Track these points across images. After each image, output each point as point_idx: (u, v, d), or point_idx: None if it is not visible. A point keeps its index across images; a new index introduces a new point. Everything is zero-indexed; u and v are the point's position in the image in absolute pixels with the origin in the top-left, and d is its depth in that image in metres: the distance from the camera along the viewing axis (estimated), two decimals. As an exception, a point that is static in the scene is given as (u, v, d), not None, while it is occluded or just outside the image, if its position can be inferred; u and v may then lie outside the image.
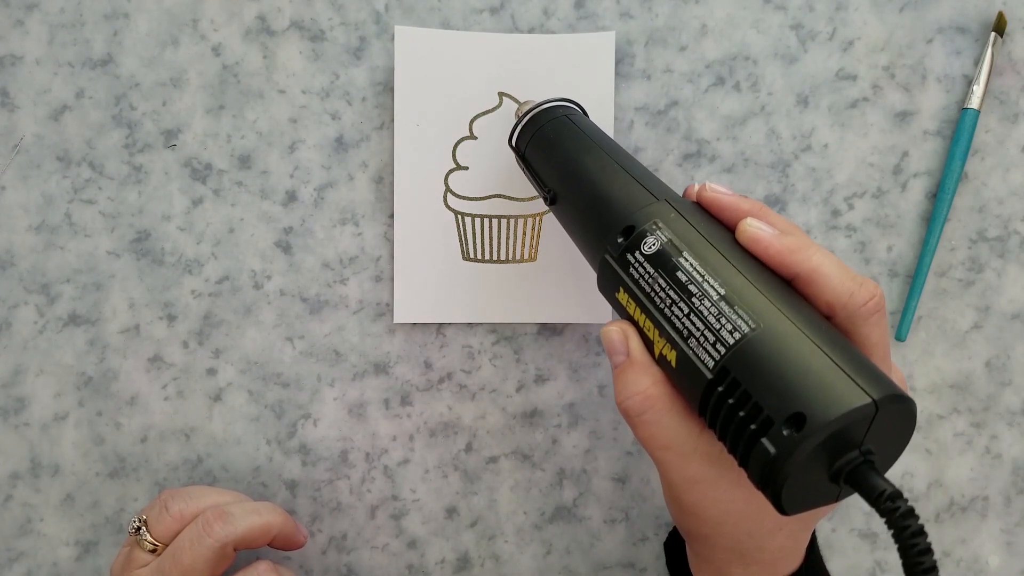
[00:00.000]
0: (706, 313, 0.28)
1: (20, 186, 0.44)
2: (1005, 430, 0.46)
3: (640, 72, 0.45)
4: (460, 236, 0.44)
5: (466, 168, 0.44)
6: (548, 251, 0.44)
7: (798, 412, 0.25)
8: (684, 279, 0.29)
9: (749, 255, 0.30)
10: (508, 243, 0.44)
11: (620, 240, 0.32)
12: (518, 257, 0.45)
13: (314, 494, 0.45)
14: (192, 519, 0.38)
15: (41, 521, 0.44)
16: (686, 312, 0.29)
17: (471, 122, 0.44)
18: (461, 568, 0.45)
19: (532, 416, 0.45)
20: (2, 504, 0.44)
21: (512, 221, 0.44)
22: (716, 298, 0.28)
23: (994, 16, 0.45)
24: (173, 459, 0.44)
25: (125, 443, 0.44)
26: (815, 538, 0.37)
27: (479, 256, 0.44)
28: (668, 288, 0.30)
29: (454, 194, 0.44)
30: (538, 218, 0.44)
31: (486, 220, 0.44)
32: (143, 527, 0.38)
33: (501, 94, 0.44)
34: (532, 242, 0.45)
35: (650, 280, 0.30)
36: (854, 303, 0.29)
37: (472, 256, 0.44)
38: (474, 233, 0.44)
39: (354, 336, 0.45)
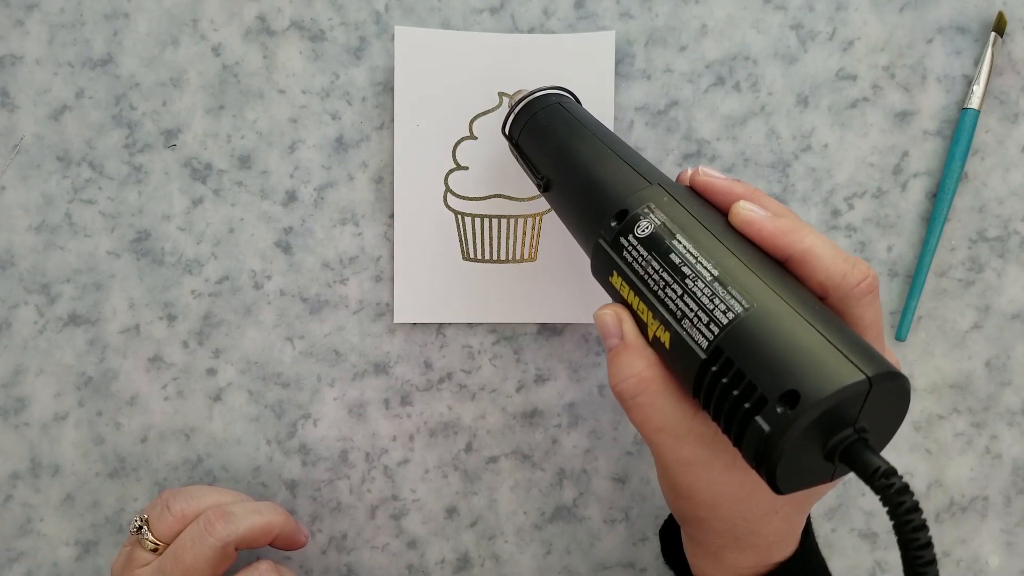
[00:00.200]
0: (699, 294, 0.28)
1: (20, 186, 0.44)
2: (1005, 430, 0.46)
3: (640, 72, 0.45)
4: (460, 236, 0.44)
5: (466, 168, 0.44)
6: (548, 251, 0.44)
7: (792, 390, 0.25)
8: (677, 261, 0.30)
9: (742, 237, 0.30)
10: (508, 243, 0.44)
11: (614, 224, 0.32)
12: (518, 257, 0.45)
13: (314, 494, 0.45)
14: (193, 519, 0.38)
15: (41, 521, 0.44)
16: (680, 294, 0.29)
17: (471, 122, 0.44)
18: (461, 568, 0.46)
19: (532, 416, 0.45)
20: (2, 504, 0.44)
21: (512, 221, 0.44)
22: (709, 279, 0.28)
23: (994, 16, 0.45)
24: (173, 459, 0.44)
25: (125, 443, 0.44)
26: (811, 525, 0.37)
27: (479, 256, 0.44)
28: (662, 270, 0.30)
29: (454, 194, 0.44)
30: (538, 218, 0.44)
31: (486, 220, 0.44)
32: (144, 526, 0.38)
33: (501, 94, 0.44)
34: (532, 242, 0.45)
35: (644, 263, 0.31)
36: (847, 283, 0.29)
37: (472, 256, 0.44)
38: (474, 233, 0.44)
39: (354, 336, 0.45)
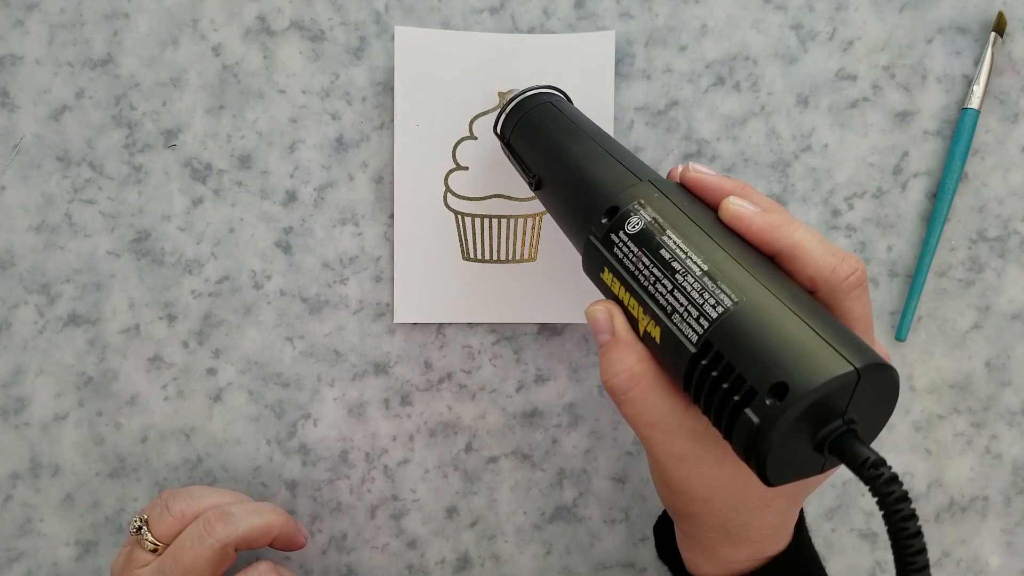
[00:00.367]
0: (689, 289, 0.29)
1: (20, 186, 0.44)
2: (1005, 430, 0.46)
3: (640, 72, 0.45)
4: (460, 236, 0.44)
5: (466, 168, 0.44)
6: (548, 251, 0.44)
7: (780, 382, 0.25)
8: (667, 256, 0.30)
9: (732, 233, 0.30)
10: (508, 243, 0.44)
11: (604, 221, 0.32)
12: (518, 257, 0.45)
13: (314, 494, 0.45)
14: (193, 519, 0.38)
15: (41, 521, 0.44)
16: (670, 288, 0.29)
17: (471, 122, 0.44)
18: (461, 568, 0.46)
19: (532, 416, 0.45)
20: (2, 504, 0.44)
21: (512, 221, 0.44)
22: (699, 274, 0.29)
23: (994, 16, 0.45)
24: (173, 459, 0.44)
25: (125, 443, 0.44)
26: (803, 518, 0.37)
27: (479, 256, 0.44)
28: (652, 266, 0.30)
29: (454, 194, 0.44)
30: (538, 218, 0.44)
31: (486, 220, 0.44)
32: (144, 527, 0.38)
33: (501, 94, 0.44)
34: (532, 242, 0.45)
35: (634, 259, 0.31)
36: (836, 277, 0.29)
37: (472, 256, 0.44)
38: (474, 233, 0.44)
39: (354, 336, 0.45)
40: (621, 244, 0.31)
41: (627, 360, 0.31)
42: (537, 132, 0.38)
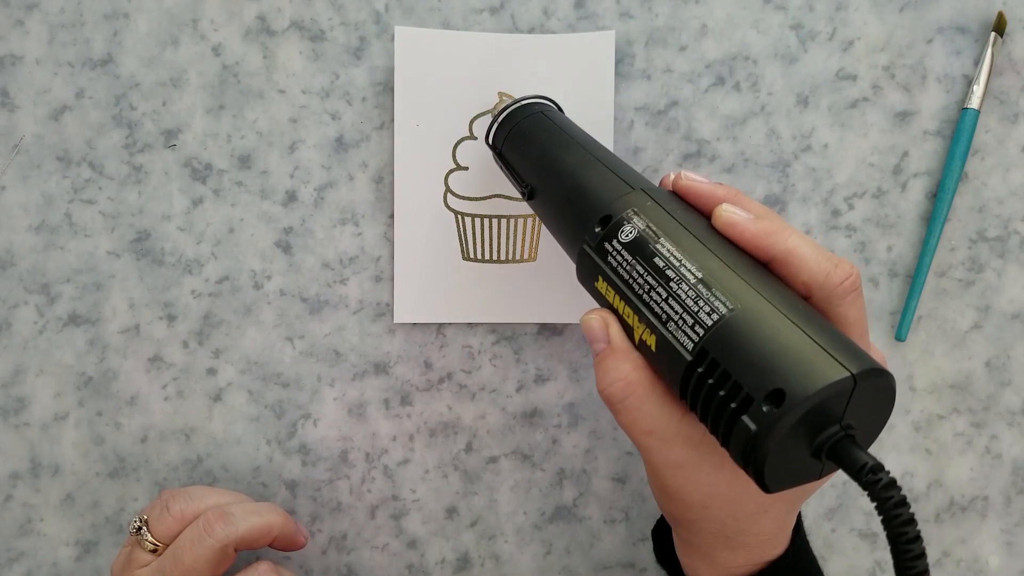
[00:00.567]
0: (684, 296, 0.29)
1: (20, 186, 0.44)
2: (1005, 430, 0.46)
3: (640, 72, 0.45)
4: (460, 236, 0.44)
5: (466, 168, 0.44)
6: (548, 251, 0.44)
7: (777, 388, 0.25)
8: (662, 264, 0.30)
9: (725, 240, 0.30)
10: (508, 243, 0.44)
11: (598, 230, 0.33)
12: (518, 257, 0.45)
13: (314, 494, 0.45)
14: (193, 519, 0.38)
15: (41, 521, 0.44)
16: (664, 296, 0.29)
17: (471, 122, 0.44)
18: (461, 568, 0.46)
19: (532, 416, 0.45)
20: (2, 504, 0.44)
21: (512, 221, 0.44)
22: (694, 281, 0.29)
23: (994, 16, 0.45)
24: (173, 459, 0.44)
25: (125, 443, 0.44)
26: (801, 523, 0.37)
27: (479, 256, 0.44)
28: (646, 274, 0.30)
29: (454, 194, 0.44)
30: (538, 218, 0.44)
31: (486, 220, 0.44)
32: (144, 527, 0.38)
33: (501, 94, 0.44)
34: (532, 242, 0.45)
35: (628, 267, 0.31)
36: (830, 283, 0.29)
37: (472, 256, 0.44)
38: (474, 233, 0.44)
39: (354, 336, 0.45)
40: (615, 253, 0.32)
41: (623, 368, 0.31)
42: (529, 142, 0.38)
